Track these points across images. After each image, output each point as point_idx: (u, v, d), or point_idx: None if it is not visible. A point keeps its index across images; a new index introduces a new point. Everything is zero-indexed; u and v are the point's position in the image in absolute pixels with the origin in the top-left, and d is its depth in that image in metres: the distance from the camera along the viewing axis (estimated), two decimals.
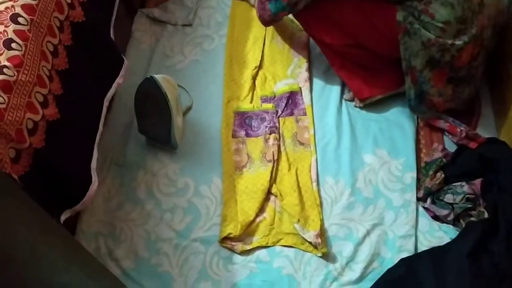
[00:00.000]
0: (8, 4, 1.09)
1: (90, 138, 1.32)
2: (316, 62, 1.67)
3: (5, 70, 1.01)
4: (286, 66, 1.66)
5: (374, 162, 1.46)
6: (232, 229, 1.35)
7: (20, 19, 1.08)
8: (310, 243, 1.32)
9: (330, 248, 1.33)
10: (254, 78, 1.64)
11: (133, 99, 1.47)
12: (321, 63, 1.65)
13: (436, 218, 1.36)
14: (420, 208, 1.38)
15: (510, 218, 1.25)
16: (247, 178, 1.44)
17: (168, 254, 1.34)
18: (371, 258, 1.30)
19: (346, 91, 1.59)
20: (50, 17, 1.18)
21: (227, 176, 1.45)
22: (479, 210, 1.32)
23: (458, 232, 1.31)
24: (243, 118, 1.56)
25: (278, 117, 1.55)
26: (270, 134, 1.51)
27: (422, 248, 1.31)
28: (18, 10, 1.09)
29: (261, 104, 1.59)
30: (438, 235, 1.33)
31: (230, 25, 1.78)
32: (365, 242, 1.33)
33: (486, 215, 1.30)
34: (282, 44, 1.71)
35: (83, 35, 1.29)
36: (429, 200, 1.38)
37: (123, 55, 1.52)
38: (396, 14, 1.33)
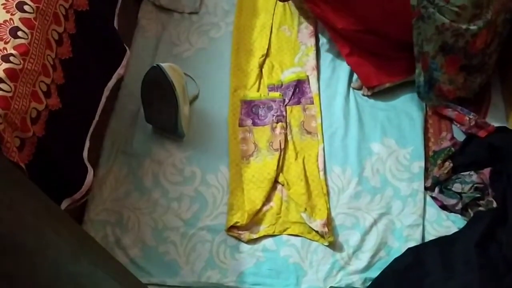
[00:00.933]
0: None
1: (87, 127, 1.32)
2: (324, 50, 1.65)
3: (11, 58, 1.01)
4: (293, 54, 1.64)
5: (382, 151, 1.45)
6: (239, 218, 1.35)
7: (26, 7, 1.08)
8: (317, 232, 1.32)
9: (337, 237, 1.33)
10: (261, 67, 1.63)
11: (139, 87, 1.47)
12: (328, 51, 1.64)
13: (444, 207, 1.36)
14: (428, 198, 1.37)
15: None
16: (254, 167, 1.44)
17: (175, 242, 1.35)
18: (378, 247, 1.30)
19: (354, 80, 1.58)
20: (56, 4, 1.17)
21: (233, 165, 1.45)
22: (488, 200, 1.32)
23: (466, 222, 1.30)
24: (250, 107, 1.55)
25: (285, 105, 1.54)
26: (277, 123, 1.50)
27: (429, 237, 1.31)
28: None
29: (268, 92, 1.58)
30: (445, 224, 1.33)
31: (237, 13, 1.76)
32: (372, 231, 1.33)
33: (494, 204, 1.30)
34: (290, 32, 1.69)
35: (87, 24, 1.29)
36: (437, 189, 1.37)
37: (129, 43, 1.51)
38: None
